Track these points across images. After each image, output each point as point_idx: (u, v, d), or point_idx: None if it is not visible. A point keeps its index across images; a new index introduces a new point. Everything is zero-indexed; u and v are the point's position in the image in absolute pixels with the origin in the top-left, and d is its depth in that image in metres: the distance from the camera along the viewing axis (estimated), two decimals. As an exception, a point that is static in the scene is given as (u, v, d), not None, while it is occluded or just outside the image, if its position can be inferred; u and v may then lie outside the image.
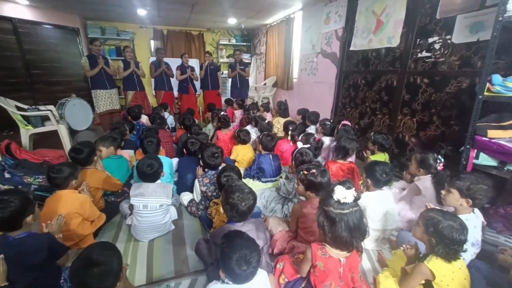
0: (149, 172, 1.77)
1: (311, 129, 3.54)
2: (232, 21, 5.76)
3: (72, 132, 4.70)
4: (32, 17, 4.61)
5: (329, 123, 3.09)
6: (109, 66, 4.38)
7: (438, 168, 1.76)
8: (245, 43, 7.10)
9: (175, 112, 5.71)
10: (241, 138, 2.82)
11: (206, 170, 1.99)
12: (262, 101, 6.00)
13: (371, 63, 3.10)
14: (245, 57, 6.73)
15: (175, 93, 5.41)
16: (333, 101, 3.95)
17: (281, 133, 4.01)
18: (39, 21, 4.74)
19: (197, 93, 5.63)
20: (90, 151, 1.92)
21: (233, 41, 6.99)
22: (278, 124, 4.21)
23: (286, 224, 1.67)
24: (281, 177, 2.45)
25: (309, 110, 3.98)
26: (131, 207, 1.77)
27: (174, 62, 5.26)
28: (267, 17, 5.49)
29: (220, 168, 1.93)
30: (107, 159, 2.20)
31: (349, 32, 3.44)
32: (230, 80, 5.90)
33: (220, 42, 6.92)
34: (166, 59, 5.14)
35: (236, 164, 2.92)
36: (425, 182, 1.81)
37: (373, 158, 2.36)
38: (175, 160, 2.87)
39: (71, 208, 1.57)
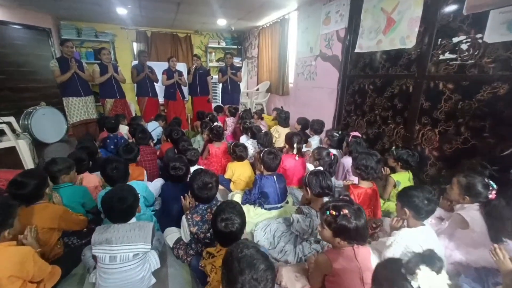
0: (119, 210, 1.33)
1: (315, 139, 3.18)
2: (221, 22, 5.37)
3: (42, 146, 4.14)
4: (-6, 15, 4.05)
5: (337, 135, 2.74)
6: (84, 71, 3.87)
7: (490, 196, 1.41)
8: (236, 46, 6.73)
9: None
10: (237, 154, 2.41)
11: (197, 203, 1.55)
12: (255, 107, 5.62)
13: (381, 67, 2.77)
14: (236, 61, 6.35)
15: (160, 99, 4.94)
16: (335, 108, 3.62)
17: (279, 144, 3.65)
18: (3, 20, 4.17)
19: (185, 99, 5.18)
20: (39, 183, 1.44)
21: (223, 44, 6.60)
22: (276, 133, 3.83)
23: (306, 277, 1.26)
24: (287, 203, 2.05)
25: (307, 118, 3.63)
26: (94, 258, 1.32)
27: (159, 66, 4.80)
28: (259, 18, 5.14)
29: (214, 201, 1.50)
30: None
31: (353, 33, 3.12)
32: (220, 85, 5.49)
33: (209, 45, 6.51)
34: (150, 63, 4.68)
35: (231, 184, 2.50)
36: (471, 211, 1.46)
37: (395, 177, 2.00)
38: (158, 182, 2.41)
39: (4, 271, 1.10)
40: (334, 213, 1.08)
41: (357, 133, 2.45)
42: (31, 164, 2.85)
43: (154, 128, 4.00)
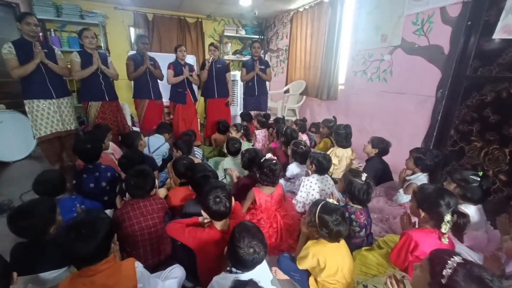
0: None
1: (419, 180, 1.98)
2: (245, 2, 4.12)
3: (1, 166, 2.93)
4: None
5: (478, 178, 1.57)
6: (57, 61, 2.64)
7: None
8: (258, 36, 5.47)
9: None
10: (331, 230, 1.21)
11: None
12: (286, 114, 4.41)
13: None
14: (258, 54, 5.14)
15: (165, 101, 3.71)
16: (429, 125, 2.44)
17: (338, 174, 2.51)
18: None
19: (196, 102, 3.96)
20: None
21: (242, 33, 5.35)
22: (335, 158, 2.64)
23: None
24: None
25: (383, 138, 2.44)
26: None
27: (162, 59, 3.58)
28: (296, -2, 3.93)
29: None
30: None
31: (489, 8, 1.93)
32: (241, 84, 4.29)
33: (225, 34, 5.26)
34: (152, 54, 3.46)
35: (312, 283, 1.31)
36: None
37: None
38: (172, 284, 1.22)
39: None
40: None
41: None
42: None
43: (159, 146, 2.78)
